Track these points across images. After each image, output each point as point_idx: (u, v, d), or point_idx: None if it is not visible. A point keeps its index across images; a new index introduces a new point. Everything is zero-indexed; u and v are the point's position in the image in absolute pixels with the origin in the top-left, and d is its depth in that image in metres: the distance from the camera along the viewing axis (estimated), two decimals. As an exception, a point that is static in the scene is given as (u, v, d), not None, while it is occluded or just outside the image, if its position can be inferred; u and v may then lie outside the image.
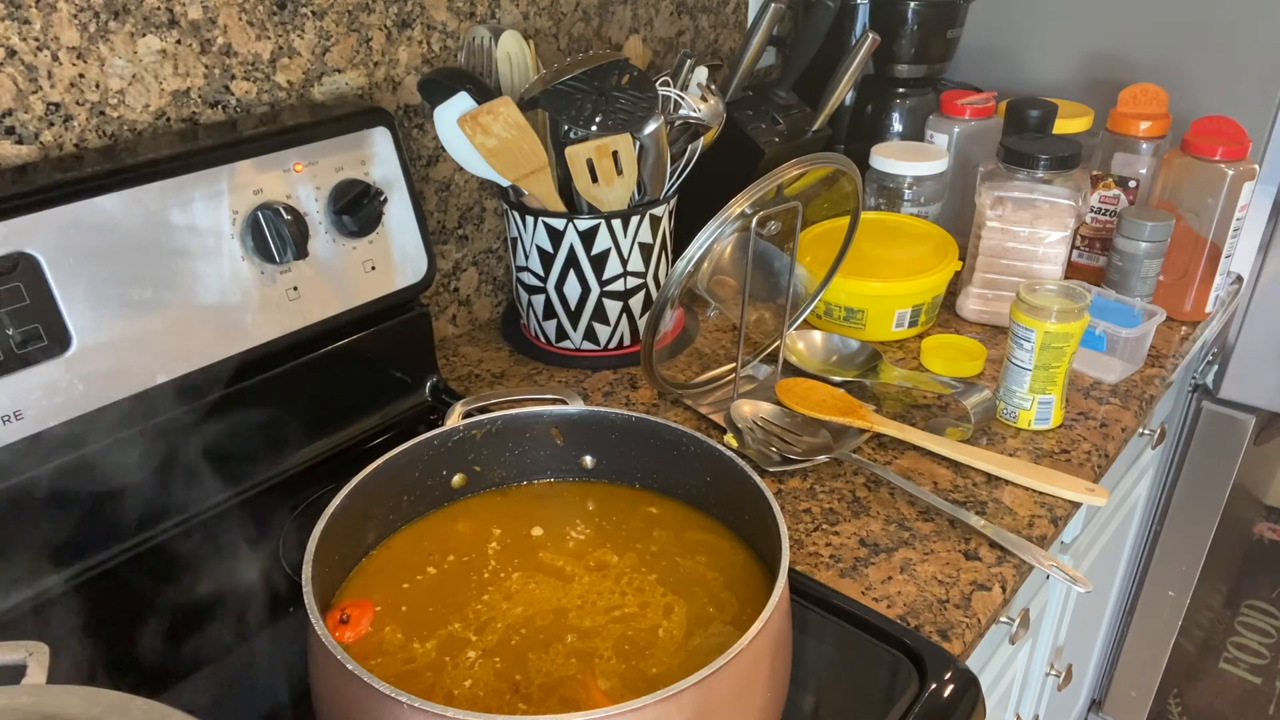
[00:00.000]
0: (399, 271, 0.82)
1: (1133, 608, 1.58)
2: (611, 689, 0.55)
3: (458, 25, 0.92)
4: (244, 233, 0.71)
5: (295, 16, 0.79)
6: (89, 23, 0.68)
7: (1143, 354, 0.97)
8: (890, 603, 0.67)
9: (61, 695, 0.39)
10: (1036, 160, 0.98)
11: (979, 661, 0.88)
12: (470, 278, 1.03)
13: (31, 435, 0.62)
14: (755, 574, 0.63)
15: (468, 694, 0.54)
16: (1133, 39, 1.24)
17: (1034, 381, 0.84)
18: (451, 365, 0.98)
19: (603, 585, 0.62)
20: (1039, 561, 0.70)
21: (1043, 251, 1.00)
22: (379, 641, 0.58)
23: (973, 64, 1.38)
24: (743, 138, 1.07)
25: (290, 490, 0.77)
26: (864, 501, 0.77)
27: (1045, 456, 0.83)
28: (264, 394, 0.75)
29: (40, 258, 0.61)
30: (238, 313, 0.72)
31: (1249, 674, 1.92)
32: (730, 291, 0.91)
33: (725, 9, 1.26)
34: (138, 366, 0.67)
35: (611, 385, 0.94)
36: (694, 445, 0.66)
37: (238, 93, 0.78)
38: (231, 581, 0.67)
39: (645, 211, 0.90)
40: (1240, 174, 0.99)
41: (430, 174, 0.95)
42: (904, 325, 1.00)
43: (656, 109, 0.85)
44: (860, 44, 1.06)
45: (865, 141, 1.21)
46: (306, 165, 0.74)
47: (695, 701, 0.46)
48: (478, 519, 0.68)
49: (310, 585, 0.52)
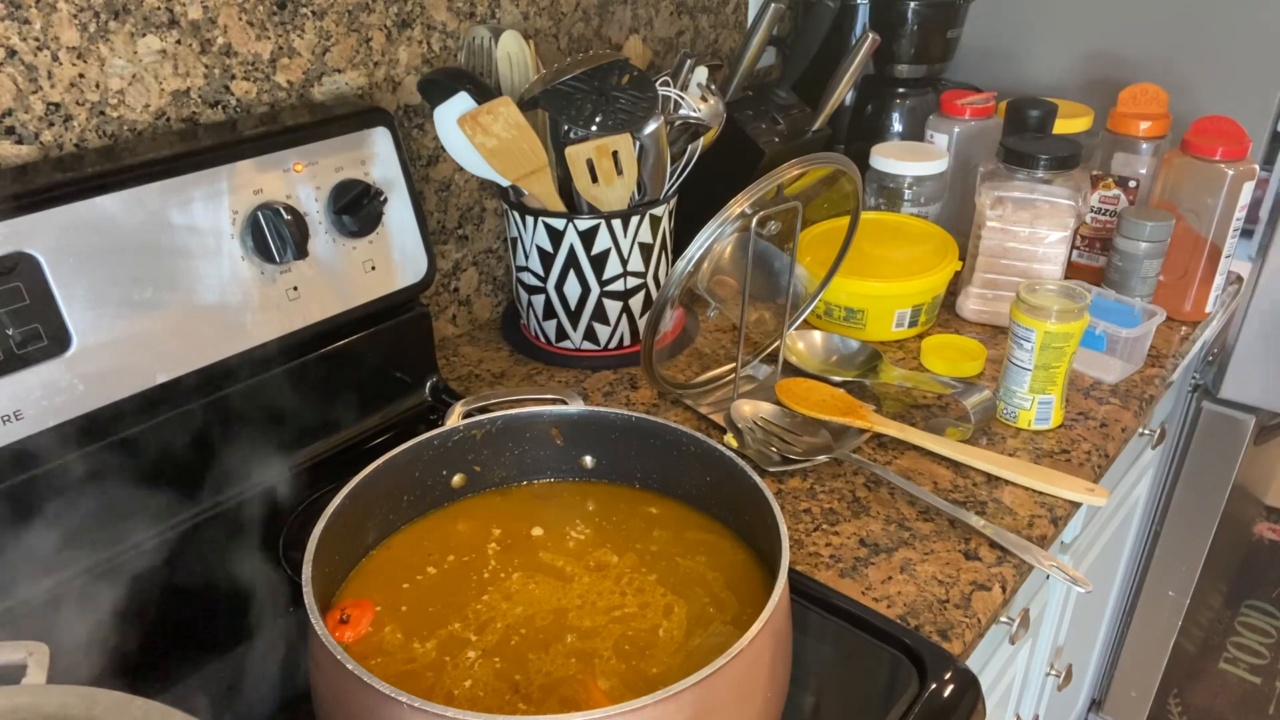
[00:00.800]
0: (399, 271, 0.82)
1: (1133, 608, 1.58)
2: (611, 689, 0.55)
3: (458, 25, 0.92)
4: (244, 233, 0.71)
5: (295, 16, 0.79)
6: (89, 23, 0.68)
7: (1143, 354, 0.97)
8: (890, 603, 0.67)
9: (61, 695, 0.39)
10: (1036, 160, 0.98)
11: (979, 661, 0.88)
12: (470, 278, 1.03)
13: (31, 435, 0.62)
14: (755, 574, 0.63)
15: (468, 694, 0.54)
16: (1133, 39, 1.24)
17: (1034, 381, 0.84)
18: (451, 365, 0.98)
19: (603, 585, 0.62)
20: (1039, 561, 0.70)
21: (1043, 251, 1.00)
22: (379, 641, 0.58)
23: (973, 64, 1.38)
24: (743, 138, 1.07)
25: (290, 490, 0.77)
26: (864, 501, 0.77)
27: (1045, 456, 0.83)
28: (264, 394, 0.75)
29: (40, 258, 0.61)
30: (238, 313, 0.72)
31: (1249, 674, 1.92)
32: (730, 291, 0.91)
33: (725, 9, 1.26)
34: (138, 366, 0.67)
35: (611, 385, 0.94)
36: (694, 445, 0.66)
37: (238, 93, 0.78)
38: (232, 582, 0.67)
39: (645, 211, 0.90)
40: (1240, 174, 0.99)
41: (430, 174, 0.95)
42: (904, 325, 1.00)
43: (656, 109, 0.85)
44: (860, 44, 1.06)
45: (865, 141, 1.21)
46: (306, 165, 0.74)
47: (695, 701, 0.46)
48: (478, 519, 0.68)
49: (310, 585, 0.52)
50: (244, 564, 0.69)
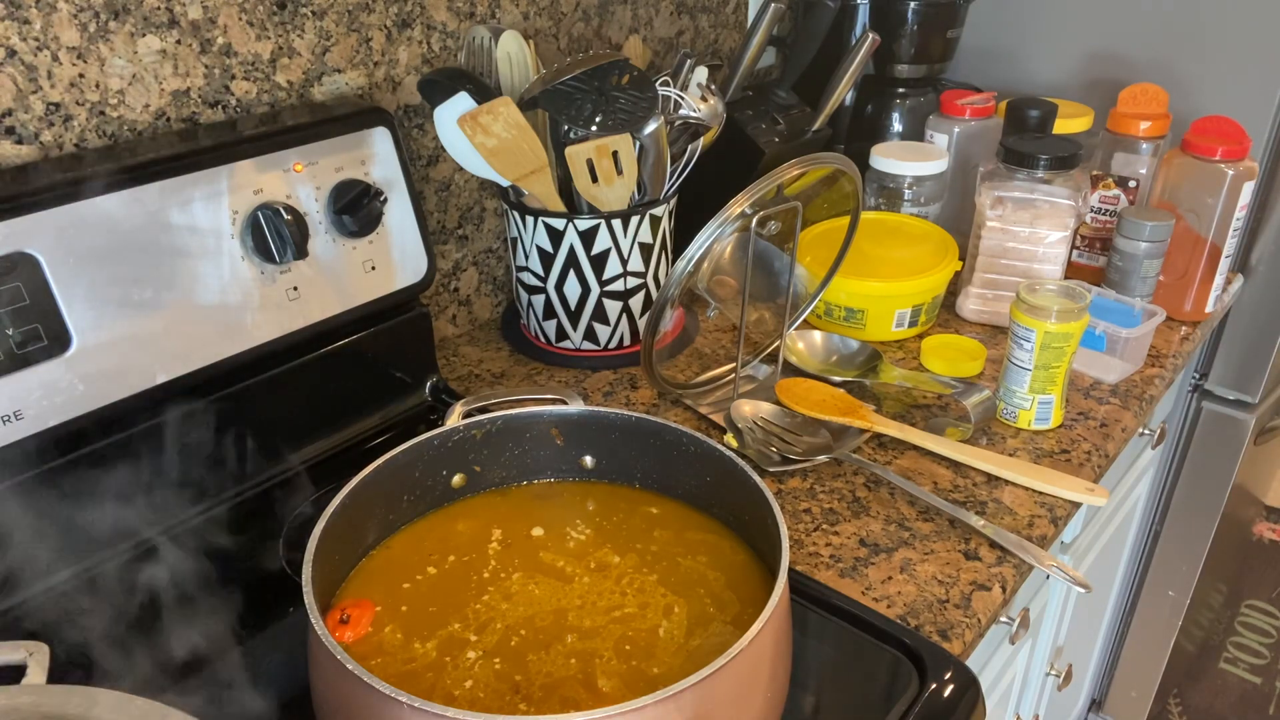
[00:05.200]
0: (399, 271, 0.82)
1: (1133, 608, 1.58)
2: (612, 689, 0.55)
3: (458, 25, 0.92)
4: (244, 233, 0.71)
5: (295, 16, 0.79)
6: (89, 23, 0.68)
7: (1143, 354, 0.97)
8: (890, 603, 0.67)
9: (61, 695, 0.39)
10: (1036, 160, 0.98)
11: (979, 661, 0.88)
12: (470, 278, 1.03)
13: (31, 435, 0.62)
14: (755, 574, 0.63)
15: (468, 694, 0.54)
16: (1133, 39, 1.24)
17: (1034, 381, 0.84)
18: (451, 365, 0.98)
19: (603, 585, 0.62)
20: (1039, 561, 0.70)
21: (1043, 251, 1.00)
22: (379, 641, 0.58)
23: (973, 64, 1.38)
24: (743, 138, 1.07)
25: (290, 490, 0.77)
26: (864, 501, 0.77)
27: (1045, 456, 0.83)
28: (264, 394, 0.75)
29: (40, 258, 0.61)
30: (238, 313, 0.72)
31: (1249, 674, 1.92)
32: (730, 291, 0.91)
33: (725, 9, 1.26)
34: (138, 366, 0.67)
35: (611, 385, 0.94)
36: (694, 445, 0.66)
37: (238, 93, 0.78)
38: (232, 582, 0.67)
39: (645, 211, 0.90)
40: (1240, 174, 0.99)
41: (430, 174, 0.95)
42: (904, 325, 1.00)
43: (656, 109, 0.85)
44: (860, 44, 1.06)
45: (865, 141, 1.21)
46: (306, 165, 0.74)
47: (695, 701, 0.46)
48: (478, 519, 0.68)
49: (310, 585, 0.52)
50: (244, 564, 0.69)
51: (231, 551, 0.70)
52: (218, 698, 0.59)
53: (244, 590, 0.66)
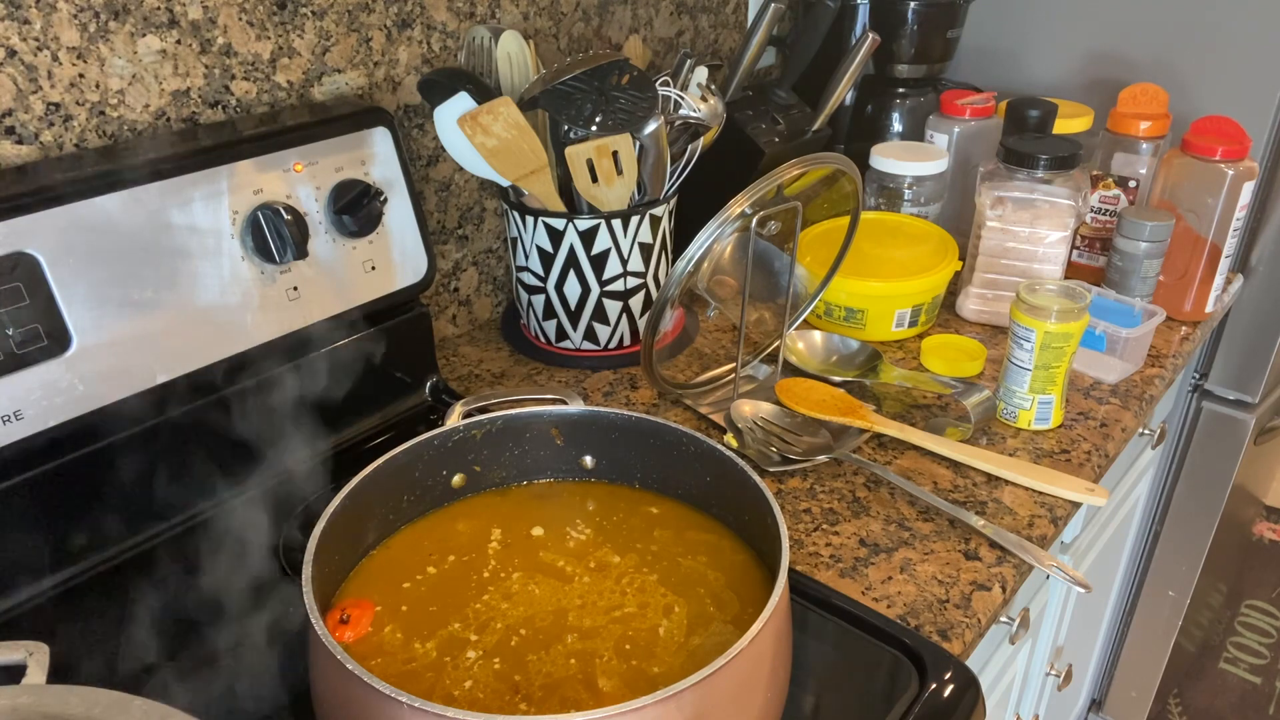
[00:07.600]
0: (399, 271, 0.82)
1: (1133, 608, 1.58)
2: (612, 689, 0.55)
3: (458, 25, 0.92)
4: (244, 233, 0.71)
5: (295, 16, 0.79)
6: (89, 23, 0.68)
7: (1143, 354, 0.97)
8: (890, 603, 0.67)
9: (61, 695, 0.39)
10: (1036, 160, 0.98)
11: (979, 661, 0.88)
12: (470, 278, 1.03)
13: (31, 435, 0.62)
14: (755, 574, 0.63)
15: (468, 694, 0.54)
16: (1133, 39, 1.24)
17: (1034, 381, 0.84)
18: (451, 365, 0.98)
19: (603, 585, 0.62)
20: (1039, 561, 0.70)
21: (1043, 251, 1.00)
22: (379, 641, 0.58)
23: (973, 64, 1.38)
24: (743, 138, 1.07)
25: (290, 490, 0.77)
26: (864, 501, 0.77)
27: (1045, 456, 0.83)
28: (263, 394, 0.75)
29: (40, 258, 0.61)
30: (238, 312, 0.72)
31: (1249, 674, 1.92)
32: (730, 291, 0.91)
33: (725, 9, 1.26)
34: (138, 366, 0.67)
35: (611, 385, 0.94)
36: (694, 445, 0.66)
37: (238, 93, 0.78)
38: (231, 582, 0.67)
39: (645, 211, 0.90)
40: (1240, 174, 0.99)
41: (430, 174, 0.95)
42: (904, 325, 1.00)
43: (656, 109, 0.85)
44: (860, 44, 1.06)
45: (865, 141, 1.21)
46: (306, 165, 0.74)
47: (695, 701, 0.46)
48: (478, 519, 0.68)
49: (310, 585, 0.52)
50: (244, 564, 0.69)
51: (231, 551, 0.70)
52: (218, 698, 0.59)
53: (244, 591, 0.66)
